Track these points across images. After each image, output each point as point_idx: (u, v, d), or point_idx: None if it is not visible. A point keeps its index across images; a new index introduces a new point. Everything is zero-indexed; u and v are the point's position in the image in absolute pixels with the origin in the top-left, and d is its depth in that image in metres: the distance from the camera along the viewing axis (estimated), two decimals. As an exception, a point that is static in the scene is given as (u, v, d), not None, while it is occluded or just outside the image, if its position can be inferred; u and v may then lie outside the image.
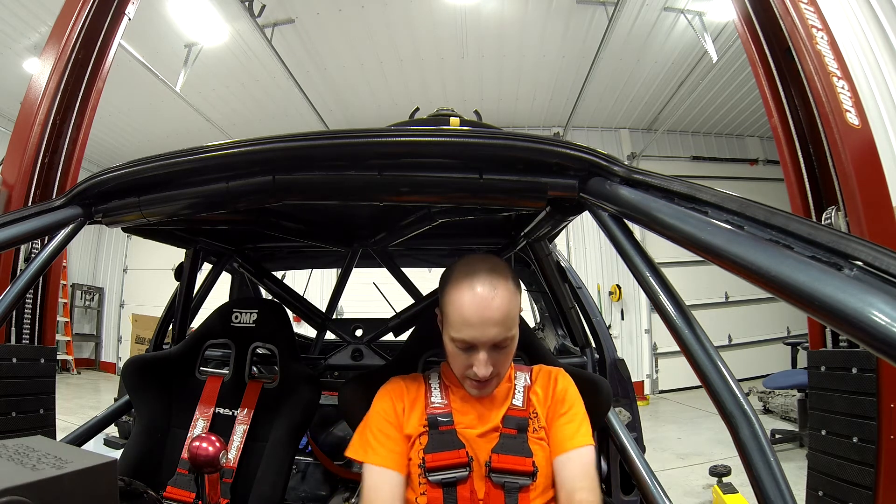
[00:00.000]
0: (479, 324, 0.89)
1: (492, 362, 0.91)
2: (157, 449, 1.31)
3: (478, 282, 0.90)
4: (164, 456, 1.31)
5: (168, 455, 1.31)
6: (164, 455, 1.31)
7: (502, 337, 0.90)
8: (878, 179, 1.41)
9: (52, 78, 1.83)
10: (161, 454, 1.31)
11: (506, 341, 0.91)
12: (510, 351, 0.94)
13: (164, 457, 1.31)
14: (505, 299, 0.90)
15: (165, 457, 1.31)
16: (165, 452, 1.31)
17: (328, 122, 6.84)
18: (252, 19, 4.66)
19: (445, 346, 0.97)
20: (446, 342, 0.96)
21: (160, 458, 1.30)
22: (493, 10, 4.99)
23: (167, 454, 1.31)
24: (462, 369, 0.94)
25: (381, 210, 1.43)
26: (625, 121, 7.34)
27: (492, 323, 0.89)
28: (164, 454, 1.31)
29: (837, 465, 1.35)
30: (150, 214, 0.97)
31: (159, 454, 1.31)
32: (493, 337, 0.89)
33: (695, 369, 0.63)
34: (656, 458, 3.84)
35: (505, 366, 0.95)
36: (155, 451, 1.30)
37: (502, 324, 0.89)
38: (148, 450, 1.29)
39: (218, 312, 1.47)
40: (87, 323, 8.59)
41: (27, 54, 5.20)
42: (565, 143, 0.81)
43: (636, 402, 1.96)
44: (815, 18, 1.53)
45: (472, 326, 0.89)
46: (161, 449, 1.32)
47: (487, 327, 0.89)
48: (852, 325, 0.45)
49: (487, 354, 0.90)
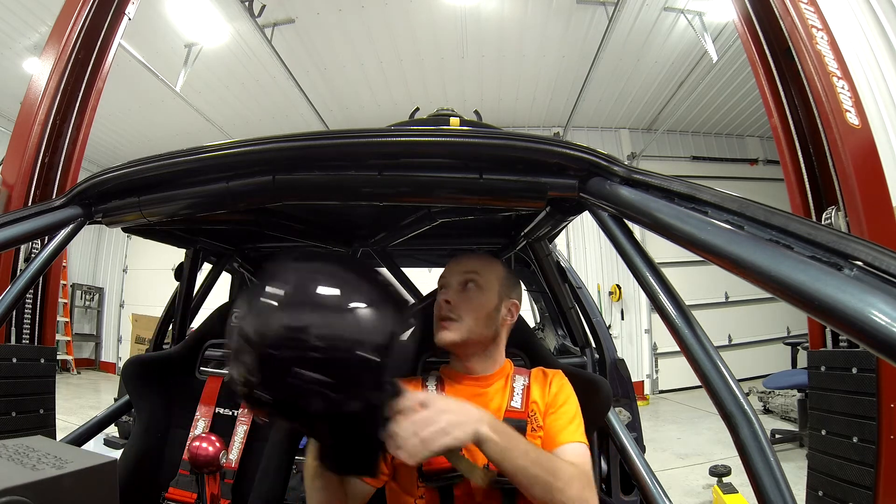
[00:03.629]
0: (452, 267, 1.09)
1: (454, 301, 1.03)
2: (158, 449, 1.31)
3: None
4: (164, 456, 1.31)
5: (169, 455, 1.31)
6: (165, 455, 1.31)
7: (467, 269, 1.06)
8: (878, 179, 1.41)
9: (52, 78, 1.83)
10: (161, 454, 1.31)
11: (470, 284, 1.05)
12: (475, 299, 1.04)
13: (164, 457, 1.31)
14: (481, 259, 1.11)
15: (166, 457, 1.31)
16: (166, 453, 1.31)
17: (328, 122, 6.83)
18: (252, 19, 4.66)
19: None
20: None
21: (160, 458, 1.30)
22: (493, 10, 4.99)
23: (168, 454, 1.31)
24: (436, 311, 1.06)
25: (381, 210, 1.42)
26: (625, 121, 7.34)
27: (461, 269, 1.07)
28: (164, 454, 1.31)
29: (837, 465, 1.35)
30: (150, 214, 0.97)
31: (159, 454, 1.31)
32: (460, 271, 1.06)
33: (695, 369, 0.63)
34: (656, 458, 3.83)
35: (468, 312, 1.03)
36: (155, 452, 1.30)
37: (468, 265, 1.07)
38: (148, 450, 1.29)
39: (218, 312, 1.47)
40: (87, 323, 8.59)
41: (27, 54, 5.20)
42: (565, 143, 0.81)
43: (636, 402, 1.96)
44: (815, 18, 1.53)
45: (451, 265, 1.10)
46: (161, 449, 1.31)
47: (457, 265, 1.08)
48: (852, 325, 0.45)
49: (452, 291, 1.05)
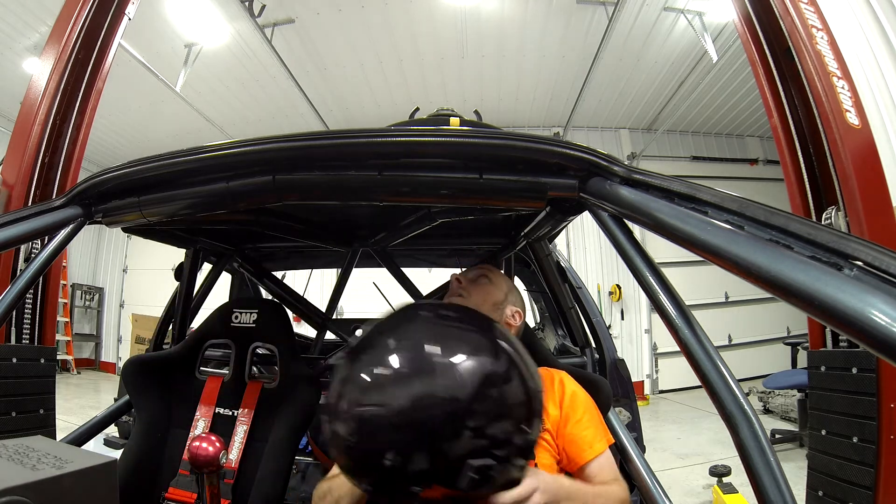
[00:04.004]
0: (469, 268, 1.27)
1: (464, 282, 1.20)
2: (158, 449, 1.31)
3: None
4: (164, 456, 1.31)
5: (169, 455, 1.31)
6: (165, 455, 1.31)
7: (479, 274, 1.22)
8: (878, 179, 1.41)
9: (52, 78, 1.83)
10: (161, 454, 1.31)
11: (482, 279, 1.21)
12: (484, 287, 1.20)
13: (164, 457, 1.31)
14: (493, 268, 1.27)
15: (166, 457, 1.31)
16: (166, 453, 1.31)
17: (328, 122, 6.83)
18: (252, 19, 4.66)
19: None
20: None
21: (160, 458, 1.30)
22: (493, 10, 4.99)
23: (168, 454, 1.31)
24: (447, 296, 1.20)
25: (381, 210, 1.43)
26: (625, 121, 7.34)
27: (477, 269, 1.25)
28: (164, 454, 1.31)
29: (837, 465, 1.34)
30: (150, 214, 0.97)
31: (159, 454, 1.31)
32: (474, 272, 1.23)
33: (695, 369, 0.63)
34: (656, 458, 3.83)
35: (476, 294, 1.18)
36: (155, 452, 1.30)
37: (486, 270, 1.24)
38: (148, 450, 1.29)
39: (218, 312, 1.47)
40: (87, 323, 8.59)
41: (27, 54, 5.20)
42: (565, 143, 0.81)
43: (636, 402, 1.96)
44: (815, 18, 1.53)
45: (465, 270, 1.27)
46: (161, 449, 1.31)
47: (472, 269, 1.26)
48: (852, 325, 0.45)
49: (466, 279, 1.21)
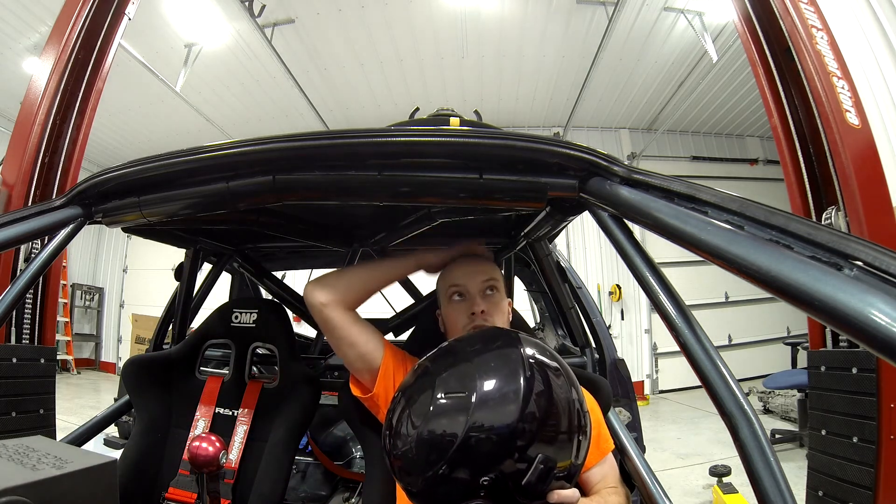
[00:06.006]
0: (468, 270, 1.11)
1: (487, 309, 1.06)
2: (158, 449, 1.31)
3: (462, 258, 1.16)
4: (164, 456, 1.31)
5: (169, 455, 1.31)
6: (165, 455, 1.31)
7: (487, 277, 1.09)
8: (878, 179, 1.41)
9: (52, 78, 1.83)
10: (161, 454, 1.31)
11: (493, 288, 1.09)
12: (498, 302, 1.10)
13: (164, 457, 1.31)
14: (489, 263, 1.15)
15: (166, 457, 1.31)
16: (166, 453, 1.31)
17: (328, 122, 6.83)
18: (252, 19, 4.66)
19: (446, 318, 1.12)
20: (446, 312, 1.12)
21: (160, 458, 1.30)
22: (493, 10, 4.99)
23: (168, 454, 1.31)
24: (465, 319, 1.07)
25: (381, 210, 1.42)
26: (625, 121, 7.34)
27: (480, 277, 1.09)
28: (164, 454, 1.31)
29: (837, 465, 1.34)
30: (150, 214, 0.97)
31: (159, 454, 1.31)
32: (480, 280, 1.09)
33: (695, 369, 0.63)
34: (656, 458, 3.83)
35: (497, 316, 1.07)
36: (155, 451, 1.30)
37: (485, 272, 1.10)
38: (148, 450, 1.29)
39: (218, 312, 1.47)
40: (87, 323, 8.59)
41: (27, 54, 5.20)
42: (565, 143, 0.80)
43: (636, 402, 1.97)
44: (815, 18, 1.53)
45: (464, 272, 1.11)
46: (161, 449, 1.32)
47: (474, 273, 1.10)
48: (852, 325, 0.45)
49: (479, 299, 1.07)
